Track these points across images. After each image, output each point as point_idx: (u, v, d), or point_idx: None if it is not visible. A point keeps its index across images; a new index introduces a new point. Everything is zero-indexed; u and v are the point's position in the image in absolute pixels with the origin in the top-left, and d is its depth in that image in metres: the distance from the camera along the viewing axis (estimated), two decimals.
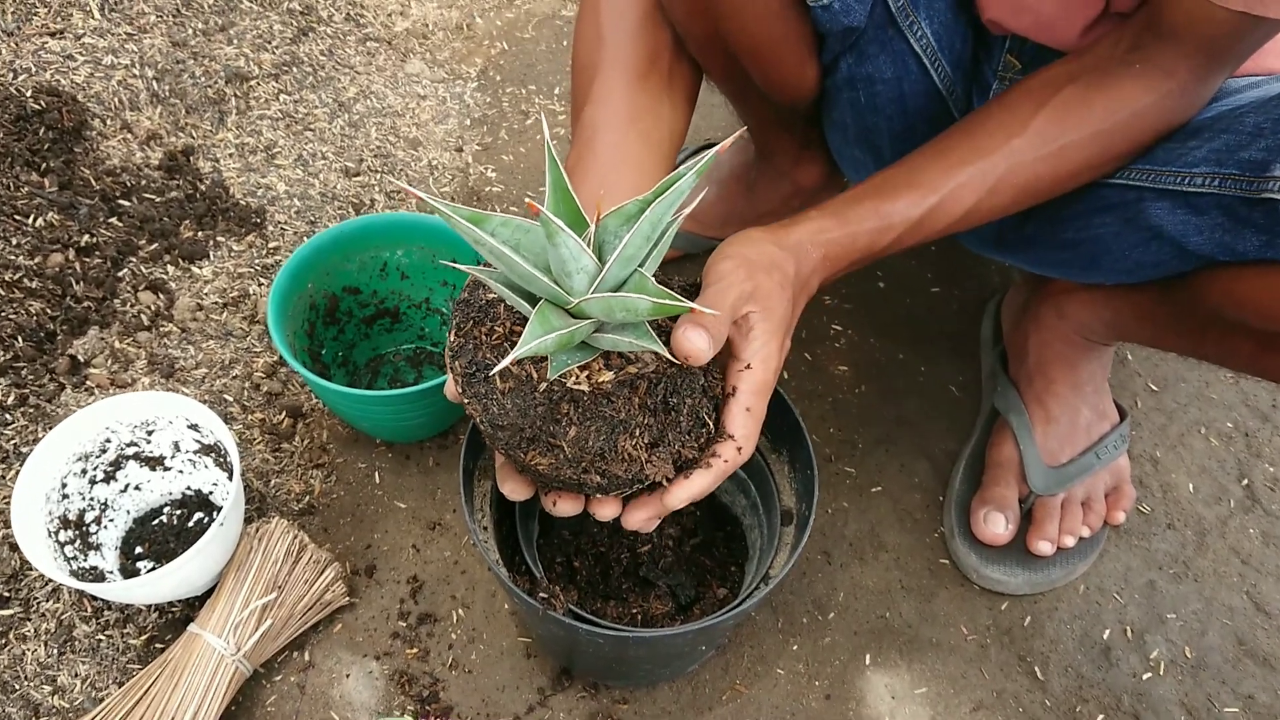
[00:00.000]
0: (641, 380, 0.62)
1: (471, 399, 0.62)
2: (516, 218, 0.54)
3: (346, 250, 1.14)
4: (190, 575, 0.92)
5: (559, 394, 0.60)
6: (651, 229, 0.54)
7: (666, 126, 0.92)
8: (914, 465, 1.20)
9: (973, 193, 0.83)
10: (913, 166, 0.85)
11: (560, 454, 0.62)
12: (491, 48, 1.68)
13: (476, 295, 0.65)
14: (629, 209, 0.55)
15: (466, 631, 1.02)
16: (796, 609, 1.07)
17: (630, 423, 0.61)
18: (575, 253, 0.52)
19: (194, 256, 1.26)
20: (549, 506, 0.70)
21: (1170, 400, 1.28)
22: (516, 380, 0.61)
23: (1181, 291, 0.92)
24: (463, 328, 0.64)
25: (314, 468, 1.13)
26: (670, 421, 0.63)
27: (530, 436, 0.61)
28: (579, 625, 0.77)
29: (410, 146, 1.48)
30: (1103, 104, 0.82)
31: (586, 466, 0.62)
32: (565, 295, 0.55)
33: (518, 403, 0.60)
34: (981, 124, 0.86)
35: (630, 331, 0.58)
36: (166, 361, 1.16)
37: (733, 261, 0.72)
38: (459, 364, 0.63)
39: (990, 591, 1.09)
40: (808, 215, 0.81)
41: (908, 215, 0.82)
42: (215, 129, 1.40)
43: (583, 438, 0.61)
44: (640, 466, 0.63)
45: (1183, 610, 1.09)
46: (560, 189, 0.56)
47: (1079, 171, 0.86)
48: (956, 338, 1.32)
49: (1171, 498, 1.18)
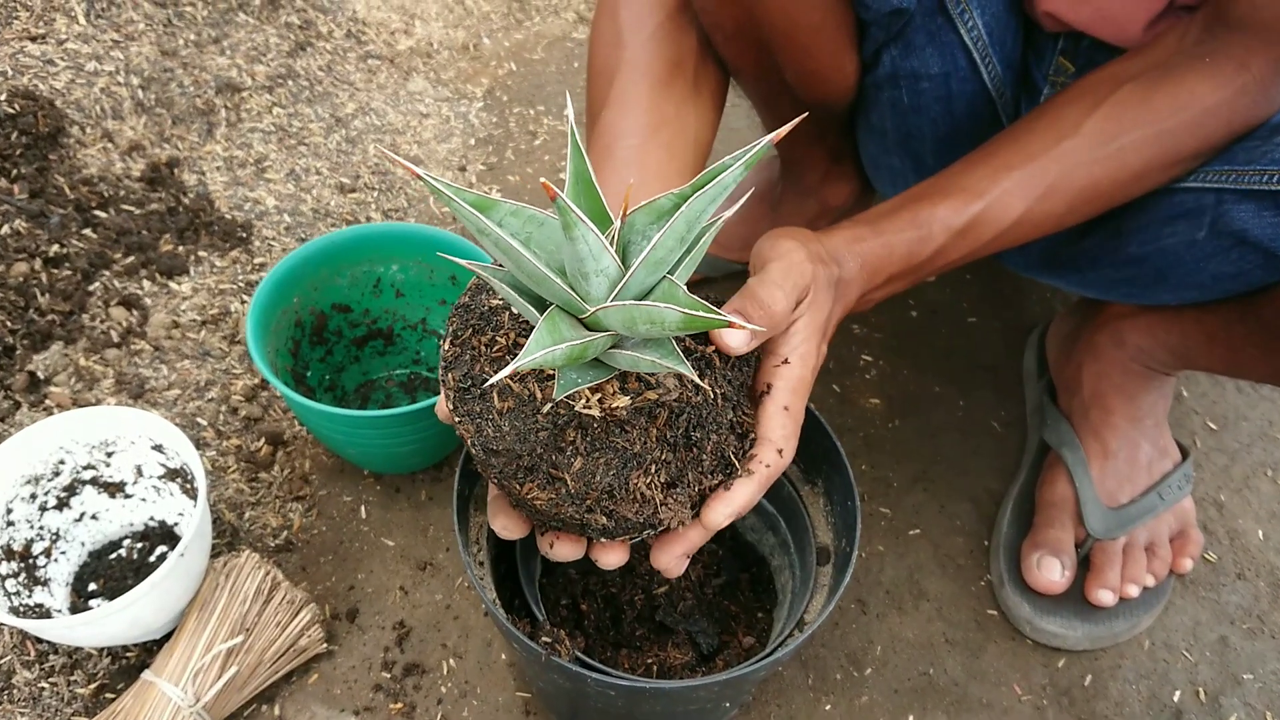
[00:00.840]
0: (662, 409, 0.53)
1: (463, 417, 0.53)
2: (530, 208, 0.46)
3: (337, 263, 1.04)
4: (144, 614, 0.80)
5: (565, 418, 0.52)
6: (686, 229, 0.46)
7: (692, 137, 0.84)
8: (955, 506, 1.09)
9: (1022, 199, 0.75)
10: (954, 173, 0.78)
11: (562, 488, 0.53)
12: (499, 68, 1.61)
13: (479, 300, 0.57)
14: (661, 204, 0.46)
15: (458, 684, 0.91)
16: (829, 664, 0.95)
17: (646, 457, 0.53)
18: (596, 250, 0.44)
19: (173, 271, 1.16)
20: (545, 549, 0.61)
21: (1231, 440, 1.17)
22: (517, 399, 0.52)
23: (1265, 307, 0.83)
24: (460, 336, 0.55)
25: (294, 500, 1.02)
26: (691, 459, 0.55)
27: (529, 466, 0.53)
28: (587, 675, 0.66)
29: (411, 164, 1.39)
30: (1166, 101, 0.74)
31: (592, 505, 0.53)
32: (580, 301, 0.46)
33: (517, 425, 0.52)
34: (1030, 126, 0.78)
35: (653, 349, 0.49)
36: (136, 381, 1.06)
37: (796, 242, 0.64)
38: (452, 376, 0.54)
39: (1045, 646, 0.98)
40: (840, 225, 0.73)
41: (949, 224, 0.74)
42: (203, 140, 1.31)
43: (590, 471, 0.52)
44: (654, 509, 0.54)
45: (1260, 670, 0.97)
46: (583, 178, 0.47)
47: (1142, 175, 0.77)
48: (996, 370, 1.22)
49: (1240, 545, 1.07)
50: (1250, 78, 0.74)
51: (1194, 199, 0.80)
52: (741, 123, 1.54)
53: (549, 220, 0.47)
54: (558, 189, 0.39)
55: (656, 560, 0.60)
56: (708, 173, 0.45)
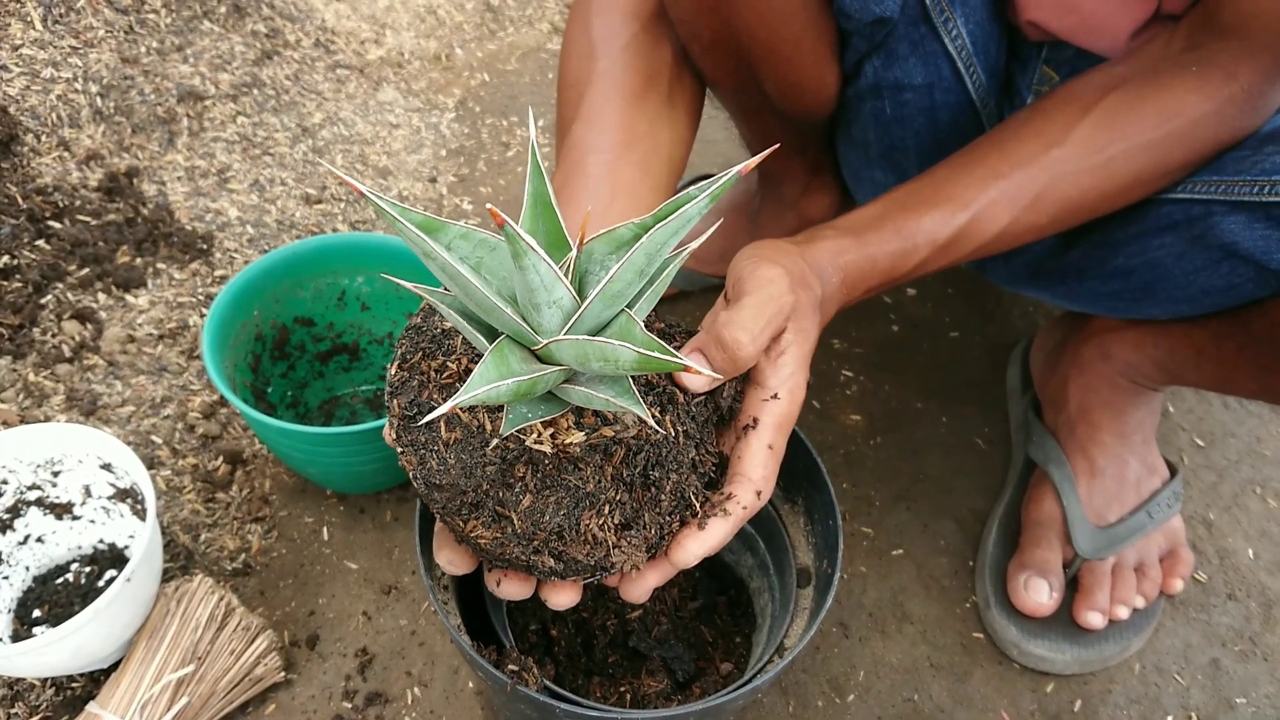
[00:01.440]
0: (619, 446, 0.50)
1: (406, 448, 0.50)
2: (482, 231, 0.43)
3: (300, 275, 1.01)
4: (88, 643, 0.76)
5: (515, 453, 0.49)
6: (647, 261, 0.42)
7: (665, 153, 0.81)
8: (939, 525, 1.06)
9: (1007, 210, 0.72)
10: (939, 179, 0.74)
11: (509, 527, 0.50)
12: (471, 79, 1.57)
13: (431, 323, 0.53)
14: (621, 233, 0.44)
15: (423, 714, 0.87)
16: (810, 690, 0.92)
17: (599, 497, 0.50)
18: (548, 281, 0.40)
19: (129, 284, 1.12)
20: (491, 586, 0.58)
21: (1220, 457, 1.15)
22: (465, 430, 0.49)
23: (1256, 321, 0.80)
24: (409, 359, 0.52)
25: (253, 521, 0.98)
26: (649, 500, 0.51)
27: (473, 502, 0.49)
28: (556, 705, 0.62)
29: (379, 175, 1.36)
30: (1155, 110, 0.72)
31: (539, 546, 0.50)
32: (531, 333, 0.43)
33: (463, 459, 0.48)
34: (1015, 132, 0.75)
35: (608, 387, 0.46)
36: (88, 397, 1.01)
37: (777, 269, 0.59)
38: (397, 403, 0.51)
39: (1033, 670, 0.95)
40: (823, 233, 0.69)
41: (934, 236, 0.71)
42: (164, 150, 1.27)
43: (538, 510, 0.49)
44: (606, 551, 0.51)
45: (1254, 694, 0.94)
46: (541, 201, 0.44)
47: (1130, 186, 0.75)
48: (979, 386, 1.19)
49: (1230, 565, 1.05)
50: (1238, 88, 0.72)
51: (1183, 210, 0.78)
52: (719, 135, 1.51)
53: (501, 245, 0.44)
54: (506, 216, 0.36)
55: (626, 593, 0.57)
56: (671, 203, 0.42)
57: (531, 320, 0.43)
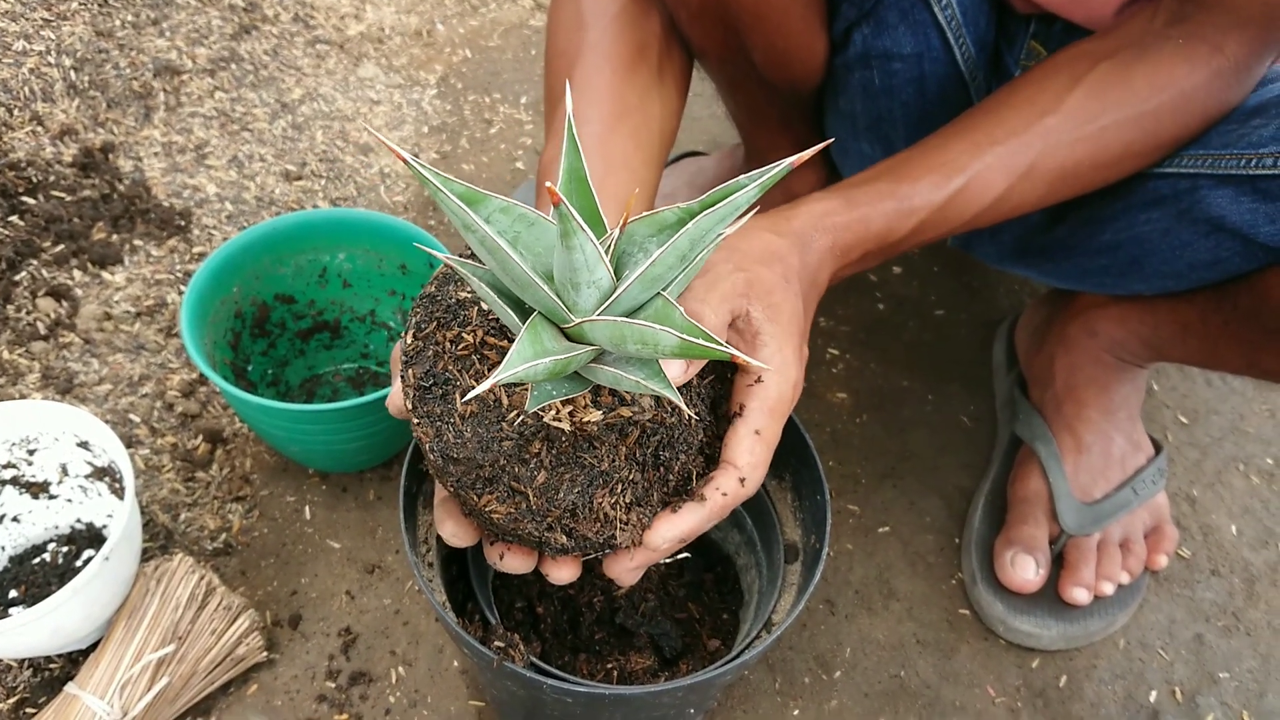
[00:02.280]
0: (634, 427, 0.50)
1: (423, 419, 0.49)
2: (520, 205, 0.42)
3: (280, 251, 0.99)
4: (66, 622, 0.75)
5: (532, 429, 0.48)
6: (690, 247, 0.41)
7: (657, 126, 0.80)
8: (925, 503, 1.05)
9: (1003, 176, 0.71)
10: (931, 146, 0.73)
11: (523, 503, 0.49)
12: (454, 55, 1.55)
13: (445, 292, 0.52)
14: (665, 217, 0.43)
15: (408, 693, 0.86)
16: (797, 667, 0.91)
17: (613, 476, 0.49)
18: (592, 260, 0.40)
19: (105, 261, 1.10)
20: (493, 559, 0.57)
21: (1203, 434, 1.15)
22: (481, 404, 0.48)
23: (1243, 295, 0.80)
24: (423, 329, 0.51)
25: (234, 500, 0.97)
26: (658, 479, 0.51)
27: (489, 477, 0.49)
28: (543, 681, 0.61)
29: (360, 152, 1.34)
30: (1146, 81, 0.71)
31: (553, 523, 0.50)
32: (565, 311, 0.42)
33: (479, 433, 0.48)
34: (1008, 100, 0.74)
35: (638, 369, 0.45)
36: (64, 375, 0.99)
37: (719, 252, 0.58)
38: (413, 373, 0.49)
39: (1019, 646, 0.95)
40: (810, 198, 0.68)
41: (930, 199, 0.70)
42: (140, 125, 1.25)
43: (553, 486, 0.49)
44: (615, 529, 0.51)
45: (1236, 668, 0.95)
46: (577, 177, 0.43)
47: (1121, 158, 0.75)
48: (965, 364, 1.19)
49: (1214, 541, 1.05)
50: (1225, 60, 0.72)
51: (1169, 185, 0.78)
52: (703, 113, 1.50)
53: (540, 221, 0.43)
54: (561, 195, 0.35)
55: (610, 570, 0.56)
56: (720, 190, 0.41)
57: (567, 299, 0.43)
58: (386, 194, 1.30)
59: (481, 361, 0.48)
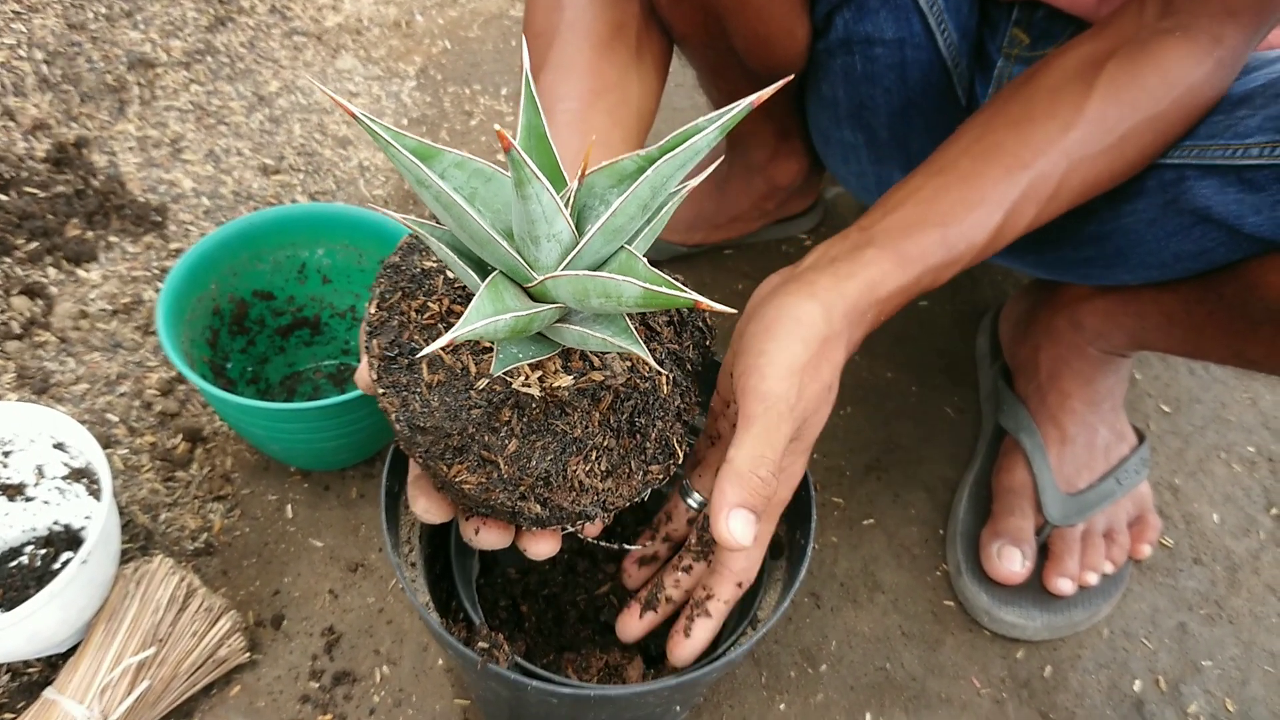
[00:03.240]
0: (606, 392, 0.49)
1: (388, 389, 0.48)
2: (477, 160, 0.41)
3: (258, 247, 0.98)
4: (44, 627, 0.74)
5: (501, 396, 0.47)
6: (651, 195, 0.40)
7: (635, 105, 0.79)
8: (909, 495, 1.05)
9: (1034, 203, 0.69)
10: (964, 173, 0.68)
11: (494, 472, 0.48)
12: (432, 46, 1.54)
13: (410, 261, 0.52)
14: (624, 165, 0.41)
15: (392, 693, 0.85)
16: (782, 660, 0.91)
17: (586, 443, 0.49)
18: (550, 212, 0.39)
19: (80, 258, 1.08)
20: (469, 535, 0.56)
21: (1185, 423, 1.15)
22: (448, 372, 0.47)
23: (1228, 285, 0.80)
24: (387, 298, 0.50)
25: (214, 500, 0.96)
26: (634, 446, 0.50)
27: (458, 446, 0.48)
28: (528, 682, 0.61)
29: (339, 145, 1.32)
30: (1158, 79, 0.70)
31: (525, 492, 0.49)
32: (527, 269, 0.41)
33: (447, 401, 0.47)
34: (1028, 114, 0.70)
35: (605, 326, 0.44)
36: (39, 375, 0.98)
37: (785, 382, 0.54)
38: (377, 344, 0.49)
39: (1004, 637, 0.95)
40: (863, 257, 0.63)
41: (974, 241, 0.67)
42: (114, 119, 1.23)
43: (524, 455, 0.48)
44: (592, 498, 0.50)
45: (1220, 656, 0.95)
46: (536, 133, 0.41)
47: (1136, 163, 0.74)
48: (949, 355, 1.19)
49: (1196, 529, 1.05)
50: (1225, 51, 0.71)
51: (1155, 176, 0.77)
52: (684, 103, 1.49)
53: (497, 175, 0.42)
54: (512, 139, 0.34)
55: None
56: (679, 134, 0.39)
57: (528, 255, 0.41)
58: (366, 187, 1.28)
59: (449, 329, 0.47)
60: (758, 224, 1.25)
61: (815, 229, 1.32)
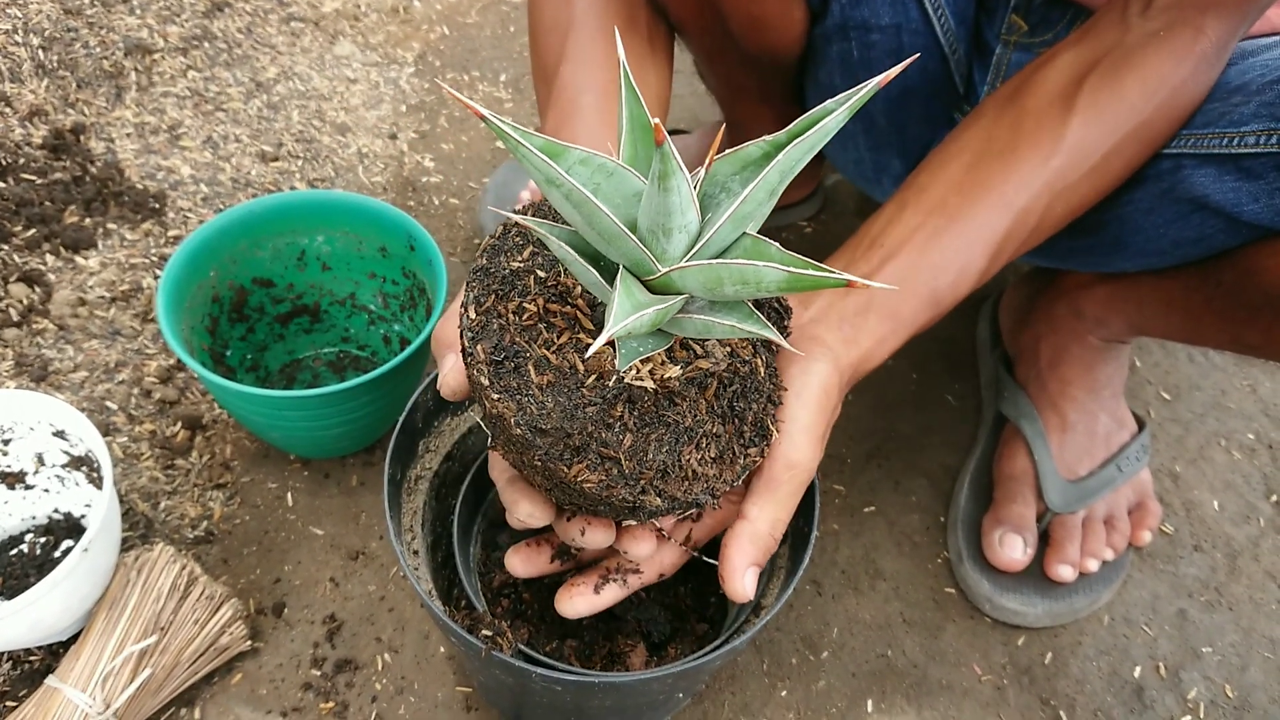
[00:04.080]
0: (712, 379, 0.49)
1: (502, 394, 0.47)
2: (600, 155, 0.40)
3: (257, 234, 0.97)
4: (45, 615, 0.74)
5: (614, 392, 0.46)
6: (780, 180, 0.40)
7: (653, 93, 0.80)
8: (910, 482, 1.05)
9: (1017, 240, 0.69)
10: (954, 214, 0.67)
11: (615, 469, 0.47)
12: (431, 32, 1.53)
13: (498, 263, 0.50)
14: (750, 152, 0.41)
15: (394, 680, 0.85)
16: (784, 648, 0.91)
17: (697, 431, 0.48)
18: (685, 202, 0.38)
19: (78, 245, 1.08)
20: (573, 535, 0.56)
21: (1185, 410, 1.15)
22: (556, 372, 0.46)
23: (1227, 272, 0.80)
24: (483, 303, 0.49)
25: (214, 488, 0.95)
26: (735, 431, 0.51)
27: (578, 445, 0.47)
28: (532, 670, 0.61)
29: (338, 132, 1.32)
30: (1137, 89, 0.69)
31: (645, 485, 0.48)
32: (652, 262, 0.40)
33: (560, 401, 0.46)
34: (1012, 142, 0.69)
35: (727, 313, 0.44)
36: (38, 363, 0.98)
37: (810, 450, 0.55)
38: (482, 349, 0.47)
39: (1005, 624, 0.95)
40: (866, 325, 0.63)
41: (959, 294, 0.68)
42: (111, 105, 1.23)
43: (641, 448, 0.47)
44: (703, 485, 0.49)
45: (1219, 643, 0.96)
46: (640, 124, 0.41)
47: (1121, 176, 0.75)
48: (948, 342, 1.19)
49: (1196, 516, 1.05)
50: (1208, 43, 0.70)
51: (1152, 165, 0.77)
52: (684, 90, 1.49)
53: (619, 170, 0.41)
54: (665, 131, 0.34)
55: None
56: (807, 119, 0.39)
57: (655, 248, 0.41)
58: (365, 174, 1.28)
59: (549, 329, 0.47)
60: None
61: (815, 216, 1.32)
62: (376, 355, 1.07)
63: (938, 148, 0.73)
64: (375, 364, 1.06)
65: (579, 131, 0.70)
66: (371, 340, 1.07)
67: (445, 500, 0.78)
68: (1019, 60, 0.89)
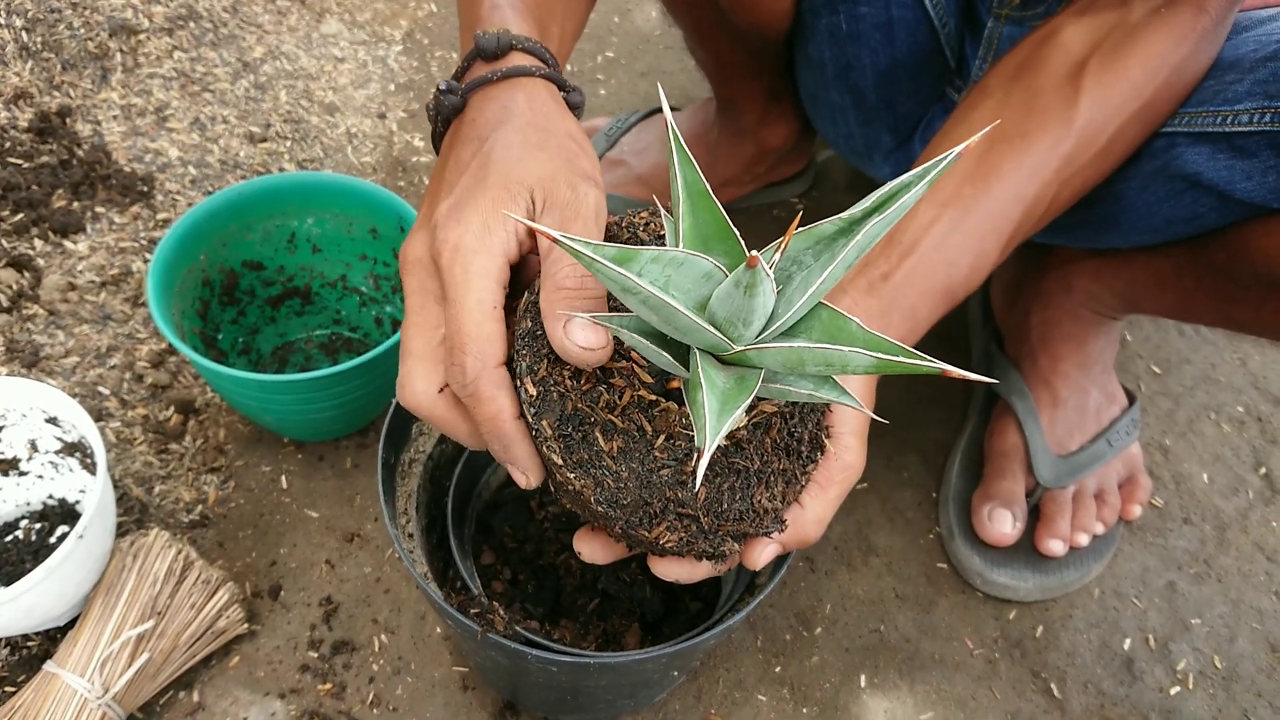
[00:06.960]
0: (776, 418, 0.48)
1: (577, 470, 0.46)
2: (669, 251, 0.38)
3: (246, 217, 0.97)
4: (41, 601, 0.74)
5: (684, 450, 0.46)
6: (858, 255, 0.38)
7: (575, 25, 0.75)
8: (902, 459, 1.06)
9: (1027, 227, 0.69)
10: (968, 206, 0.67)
11: (693, 526, 0.47)
12: (419, 9, 1.52)
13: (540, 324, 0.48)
14: (825, 229, 0.39)
15: (391, 661, 0.86)
16: (778, 624, 0.92)
17: (765, 471, 0.48)
18: (768, 301, 0.38)
19: (67, 229, 1.07)
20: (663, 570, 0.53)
21: (1175, 384, 1.16)
22: (625, 436, 0.45)
23: (1218, 250, 0.80)
24: (536, 371, 0.47)
25: (208, 472, 0.96)
26: (795, 456, 0.50)
27: (658, 510, 0.46)
28: (527, 650, 0.61)
29: (326, 112, 1.31)
30: (1140, 69, 0.69)
31: (724, 535, 0.48)
32: (728, 344, 0.39)
33: (634, 468, 0.45)
34: (1023, 130, 0.69)
35: (807, 382, 0.42)
36: (29, 349, 0.97)
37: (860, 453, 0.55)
38: (547, 423, 0.46)
39: (996, 598, 0.96)
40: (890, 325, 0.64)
41: (971, 286, 0.68)
42: (97, 87, 1.22)
43: (715, 500, 0.47)
44: (773, 518, 0.50)
45: (1208, 614, 0.97)
46: (696, 191, 0.39)
47: (1124, 156, 0.75)
48: (940, 319, 1.18)
49: (1186, 489, 1.06)
50: (1208, 20, 0.70)
51: (1146, 144, 0.77)
52: (674, 66, 1.48)
53: (688, 260, 0.39)
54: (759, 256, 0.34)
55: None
56: (885, 193, 0.38)
57: (733, 334, 0.40)
58: (354, 155, 1.27)
59: (609, 390, 0.45)
60: (749, 188, 1.24)
61: (806, 193, 1.32)
62: (369, 337, 1.07)
63: (945, 129, 0.72)
64: (368, 346, 1.06)
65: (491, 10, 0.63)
66: (364, 322, 1.07)
67: (440, 482, 0.79)
68: (1011, 34, 0.89)
